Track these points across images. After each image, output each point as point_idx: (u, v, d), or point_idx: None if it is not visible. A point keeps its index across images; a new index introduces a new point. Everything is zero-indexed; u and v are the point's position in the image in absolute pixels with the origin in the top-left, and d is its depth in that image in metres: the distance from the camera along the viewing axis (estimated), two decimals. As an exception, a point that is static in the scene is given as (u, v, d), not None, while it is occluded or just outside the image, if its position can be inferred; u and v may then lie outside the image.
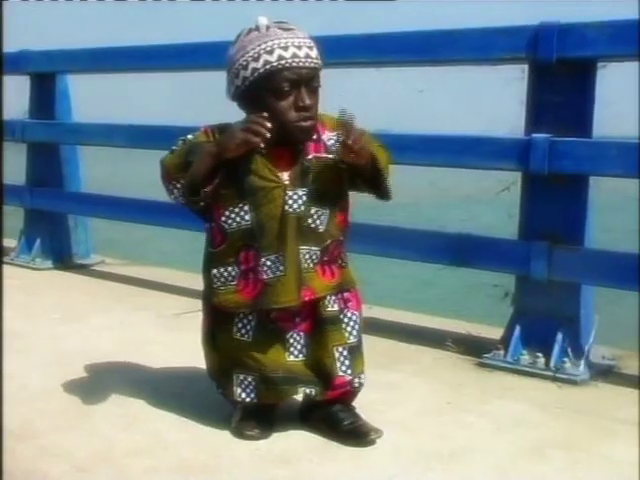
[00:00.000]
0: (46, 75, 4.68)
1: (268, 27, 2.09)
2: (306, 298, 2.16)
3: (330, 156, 2.15)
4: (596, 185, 2.93)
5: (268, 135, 2.03)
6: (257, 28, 2.10)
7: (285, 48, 2.05)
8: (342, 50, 3.38)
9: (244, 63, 2.09)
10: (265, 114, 2.05)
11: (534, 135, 2.86)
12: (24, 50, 4.70)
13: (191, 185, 2.12)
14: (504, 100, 3.13)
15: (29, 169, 4.80)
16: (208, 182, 2.10)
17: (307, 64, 2.07)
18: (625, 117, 3.15)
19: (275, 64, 2.05)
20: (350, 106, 2.13)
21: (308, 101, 2.08)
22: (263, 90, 2.08)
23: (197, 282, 2.34)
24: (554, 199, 2.89)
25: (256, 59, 2.07)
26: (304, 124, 2.10)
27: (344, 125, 2.06)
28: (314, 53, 2.09)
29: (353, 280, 2.29)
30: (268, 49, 2.06)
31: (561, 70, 2.85)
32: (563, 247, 2.85)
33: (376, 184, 2.17)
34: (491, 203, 3.21)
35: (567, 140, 2.81)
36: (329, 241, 2.19)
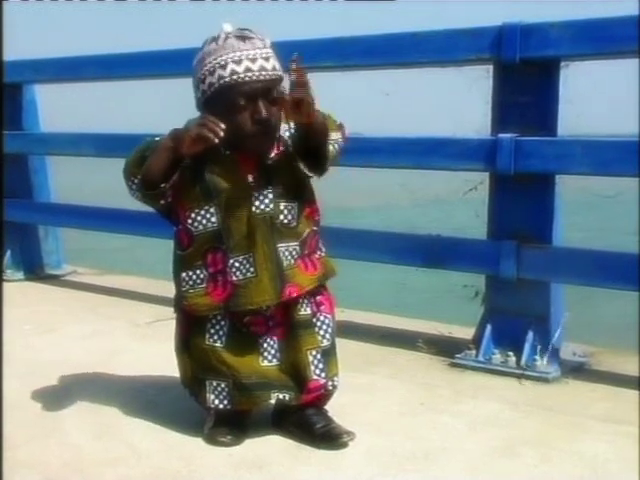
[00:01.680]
0: (13, 85, 4.64)
1: (227, 37, 2.09)
2: (294, 294, 2.16)
3: (288, 151, 2.15)
4: (563, 183, 2.95)
5: (221, 134, 2.02)
6: (217, 38, 2.10)
7: (238, 62, 2.05)
8: (309, 54, 3.38)
9: (202, 77, 2.11)
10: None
11: (500, 135, 2.89)
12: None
13: (147, 178, 2.12)
14: (470, 101, 3.15)
15: (-3, 180, 4.75)
16: (165, 177, 2.10)
17: (261, 77, 2.06)
18: (590, 115, 3.19)
19: (228, 79, 2.06)
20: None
21: (265, 114, 2.07)
22: (220, 103, 2.10)
23: (169, 290, 2.34)
24: (521, 198, 2.92)
25: (212, 73, 2.08)
26: (264, 136, 2.11)
27: (294, 71, 2.01)
28: (270, 64, 2.08)
29: (334, 269, 2.30)
30: (222, 63, 2.07)
31: (525, 70, 2.88)
32: (531, 246, 2.88)
33: (317, 152, 2.13)
34: (460, 203, 3.22)
35: (532, 139, 2.84)
36: (305, 234, 2.20)
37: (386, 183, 4.26)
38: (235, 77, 2.05)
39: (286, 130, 2.17)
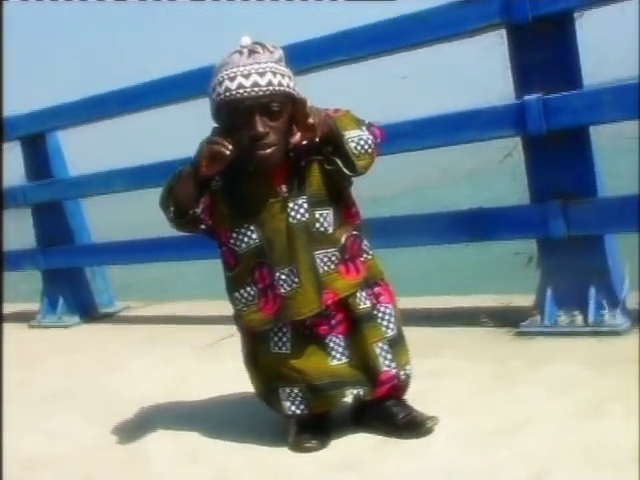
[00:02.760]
0: (35, 136, 4.70)
1: (235, 52, 2.09)
2: (329, 301, 2.16)
3: (318, 157, 2.14)
4: (596, 133, 2.92)
5: (231, 147, 2.06)
6: (231, 53, 2.11)
7: (232, 79, 2.05)
8: (318, 52, 3.39)
9: (210, 92, 2.13)
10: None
11: (526, 97, 2.86)
12: (9, 116, 4.72)
13: (178, 207, 2.15)
14: (489, 69, 3.12)
15: (37, 231, 4.83)
16: (194, 202, 2.13)
17: (254, 93, 2.04)
18: (611, 61, 3.15)
19: (223, 97, 2.07)
20: (336, 105, 2.14)
21: (260, 129, 2.06)
22: (224, 120, 2.13)
23: (221, 309, 2.36)
24: (558, 156, 2.88)
25: (214, 89, 2.11)
26: (260, 152, 2.09)
27: (297, 110, 2.08)
28: (265, 80, 2.05)
29: (380, 272, 2.29)
30: (220, 80, 2.08)
31: (539, 28, 2.85)
32: (577, 202, 2.85)
33: (340, 154, 2.12)
34: (495, 173, 3.20)
35: (559, 96, 2.80)
36: (344, 239, 2.19)
37: (415, 165, 4.24)
38: (228, 94, 2.06)
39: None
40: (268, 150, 2.09)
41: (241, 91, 2.04)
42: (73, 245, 4.71)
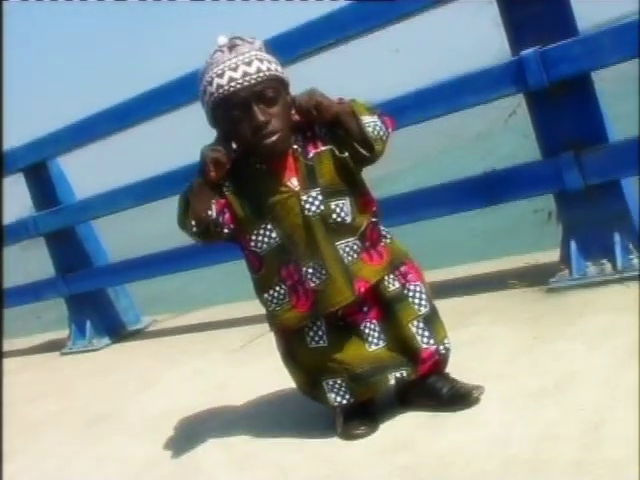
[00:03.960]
0: (37, 165, 4.69)
1: (216, 51, 2.08)
2: (362, 289, 2.14)
3: (327, 147, 2.13)
4: (599, 79, 2.88)
5: (228, 154, 2.09)
6: (211, 54, 2.10)
7: (221, 75, 2.04)
8: (309, 38, 3.37)
9: (201, 96, 2.13)
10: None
11: (522, 52, 2.83)
12: (8, 149, 4.72)
13: (198, 220, 2.13)
14: (481, 29, 3.09)
15: (55, 258, 4.83)
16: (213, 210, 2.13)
17: (246, 83, 2.03)
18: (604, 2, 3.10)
19: (216, 95, 2.06)
20: (333, 88, 2.12)
21: (261, 118, 2.05)
22: (221, 119, 2.11)
23: (247, 309, 2.35)
24: (564, 107, 2.85)
25: (204, 92, 2.10)
26: (266, 141, 2.08)
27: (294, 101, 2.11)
28: (254, 67, 2.04)
29: (404, 251, 2.27)
30: (209, 80, 2.07)
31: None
32: (590, 150, 2.82)
33: (361, 139, 2.11)
34: (503, 132, 3.17)
35: (557, 45, 2.77)
36: (363, 227, 2.17)
37: (419, 136, 4.20)
38: (221, 91, 2.04)
39: (322, 127, 2.15)
40: (274, 137, 2.08)
41: (233, 84, 2.03)
42: (92, 268, 4.71)
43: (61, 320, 5.23)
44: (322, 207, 2.12)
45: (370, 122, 2.11)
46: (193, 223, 2.14)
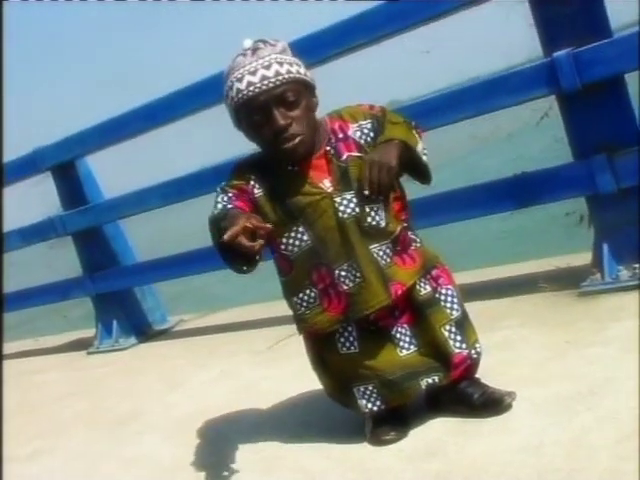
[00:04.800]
0: (65, 164, 4.71)
1: (239, 55, 2.07)
2: (399, 292, 2.12)
3: (363, 154, 2.11)
4: (632, 81, 2.85)
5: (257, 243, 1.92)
6: (234, 57, 2.08)
7: (240, 79, 2.03)
8: (336, 39, 3.35)
9: (224, 99, 2.11)
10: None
11: (555, 54, 2.79)
12: (36, 148, 4.75)
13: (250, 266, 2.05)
14: (512, 30, 3.06)
15: (82, 258, 4.85)
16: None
17: (264, 87, 2.01)
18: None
19: (236, 99, 2.05)
20: (364, 89, 2.10)
21: (281, 122, 2.03)
22: (244, 124, 2.10)
23: (274, 310, 2.33)
24: (597, 109, 2.82)
25: (227, 96, 2.09)
26: (287, 146, 2.06)
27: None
28: (272, 71, 2.02)
29: (435, 255, 2.25)
30: (230, 84, 2.06)
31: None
32: (622, 153, 2.78)
33: (416, 168, 2.16)
34: (535, 134, 3.13)
35: (590, 47, 2.74)
36: (398, 231, 2.15)
37: (452, 137, 4.17)
38: (240, 95, 2.03)
39: (356, 130, 2.14)
40: (295, 140, 2.06)
41: (252, 88, 2.02)
42: (119, 267, 4.73)
43: (87, 318, 5.25)
44: (357, 210, 2.10)
45: (422, 149, 2.14)
46: (245, 268, 2.06)
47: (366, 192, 2.06)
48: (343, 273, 2.11)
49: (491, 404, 2.12)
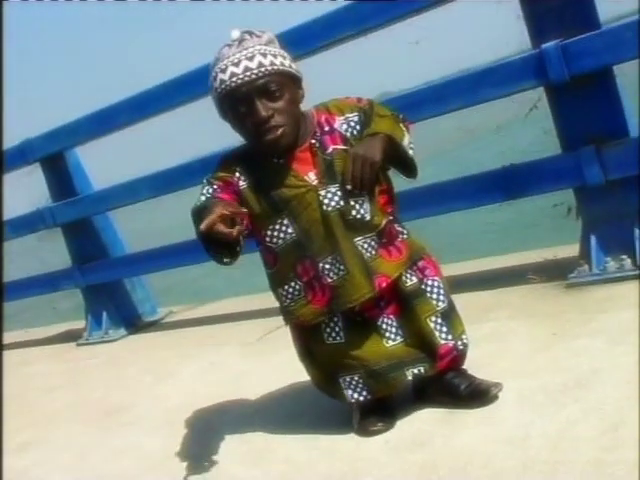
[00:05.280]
0: (54, 156, 4.69)
1: (224, 46, 2.06)
2: (383, 285, 2.13)
3: (349, 147, 2.11)
4: (620, 73, 2.85)
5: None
6: (220, 48, 2.08)
7: (224, 70, 2.03)
8: (324, 30, 3.34)
9: (209, 90, 2.11)
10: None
11: (543, 45, 2.79)
12: (25, 140, 4.73)
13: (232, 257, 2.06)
14: (501, 22, 3.05)
15: (71, 249, 4.84)
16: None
17: (247, 78, 2.01)
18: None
19: (219, 90, 2.05)
20: (352, 80, 2.10)
21: (263, 113, 2.02)
22: (228, 114, 2.10)
23: (264, 302, 2.34)
24: (586, 101, 2.82)
25: (211, 87, 2.09)
26: (268, 137, 2.05)
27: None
28: (255, 62, 2.01)
29: (421, 246, 2.25)
30: (214, 75, 2.06)
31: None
32: (611, 145, 2.79)
33: (402, 162, 2.16)
34: (523, 126, 3.14)
35: (579, 39, 2.74)
36: (383, 224, 2.16)
37: (439, 129, 4.17)
38: (223, 86, 2.03)
39: (343, 123, 2.14)
40: (277, 132, 2.06)
41: (234, 79, 2.01)
42: (109, 259, 4.72)
43: (76, 309, 5.24)
44: (342, 203, 2.10)
45: (408, 143, 2.14)
46: (226, 260, 2.06)
47: (348, 187, 2.06)
48: (327, 266, 2.11)
49: (477, 395, 2.13)
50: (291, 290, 2.18)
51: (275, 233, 2.14)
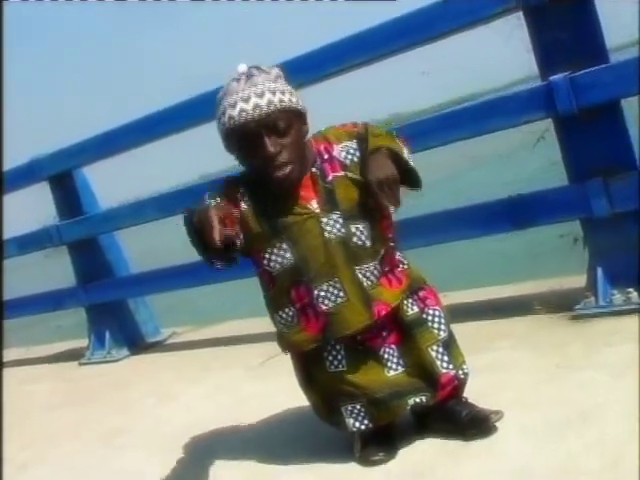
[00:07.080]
0: (62, 174, 4.71)
1: (232, 80, 2.08)
2: (382, 313, 2.13)
3: (349, 174, 2.13)
4: (628, 105, 2.86)
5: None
6: (228, 83, 2.09)
7: (233, 106, 2.04)
8: (337, 57, 3.36)
9: (217, 124, 2.12)
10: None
11: (552, 77, 2.81)
12: (34, 158, 4.75)
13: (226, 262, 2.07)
14: (510, 54, 3.07)
15: (76, 268, 4.84)
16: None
17: (256, 115, 2.02)
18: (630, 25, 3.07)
19: (227, 126, 2.05)
20: (358, 109, 2.10)
21: (271, 149, 2.03)
22: (235, 149, 2.11)
23: (268, 325, 2.33)
24: (593, 133, 2.83)
25: (219, 120, 2.10)
26: (277, 174, 2.07)
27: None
28: (265, 100, 2.03)
29: (421, 277, 2.26)
30: (223, 110, 2.07)
31: (556, 5, 2.79)
32: (618, 177, 2.79)
33: (405, 175, 2.13)
34: (531, 156, 3.14)
35: (587, 72, 2.75)
36: (382, 252, 2.16)
37: (445, 156, 4.17)
38: (232, 122, 2.04)
39: (342, 150, 2.15)
40: (286, 169, 2.07)
41: (244, 115, 2.02)
42: (113, 278, 4.72)
43: (79, 326, 5.23)
44: (343, 230, 2.11)
45: (407, 155, 2.14)
46: (219, 265, 2.08)
47: (392, 210, 2.08)
48: (322, 293, 2.12)
49: (478, 422, 2.12)
50: (285, 316, 2.18)
51: (273, 257, 2.14)
